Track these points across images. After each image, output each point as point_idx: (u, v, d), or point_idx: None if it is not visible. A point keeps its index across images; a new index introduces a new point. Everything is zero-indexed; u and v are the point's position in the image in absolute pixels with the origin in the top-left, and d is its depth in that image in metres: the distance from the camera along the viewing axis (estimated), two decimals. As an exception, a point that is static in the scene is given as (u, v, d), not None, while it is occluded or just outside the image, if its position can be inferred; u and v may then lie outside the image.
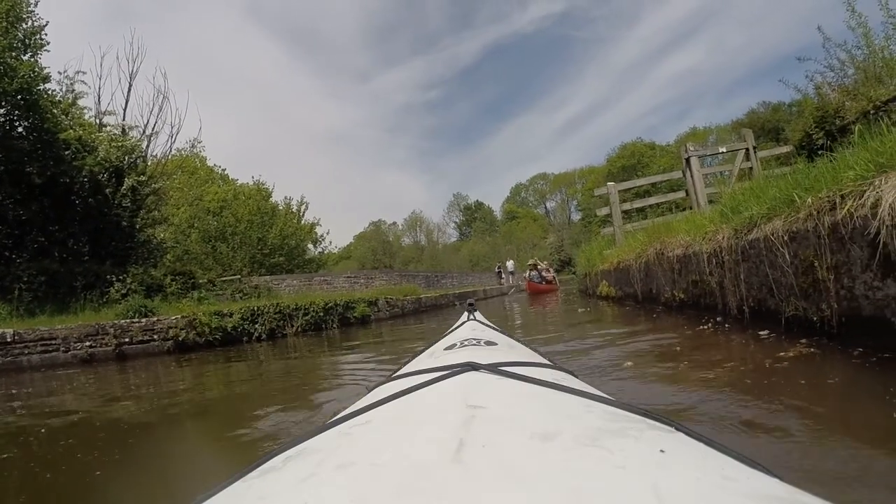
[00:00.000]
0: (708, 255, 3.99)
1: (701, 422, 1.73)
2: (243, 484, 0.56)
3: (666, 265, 5.15)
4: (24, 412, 4.02)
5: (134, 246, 12.35)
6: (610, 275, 8.23)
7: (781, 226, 2.90)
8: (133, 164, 12.17)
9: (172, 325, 8.26)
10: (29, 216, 10.98)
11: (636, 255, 6.32)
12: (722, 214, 4.10)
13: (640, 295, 6.25)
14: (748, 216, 3.43)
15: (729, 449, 0.52)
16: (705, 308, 4.26)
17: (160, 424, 3.18)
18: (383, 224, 66.53)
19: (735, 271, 3.58)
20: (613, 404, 0.64)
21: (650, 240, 5.92)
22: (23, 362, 7.71)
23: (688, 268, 4.57)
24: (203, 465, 2.35)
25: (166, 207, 14.87)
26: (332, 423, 0.69)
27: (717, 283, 3.91)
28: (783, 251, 2.88)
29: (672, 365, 2.75)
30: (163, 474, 2.22)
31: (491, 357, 0.93)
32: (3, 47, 9.70)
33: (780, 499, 0.40)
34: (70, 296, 9.92)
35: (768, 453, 1.41)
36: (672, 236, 5.20)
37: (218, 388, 4.53)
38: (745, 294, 3.50)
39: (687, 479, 0.42)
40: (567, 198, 78.65)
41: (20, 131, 10.67)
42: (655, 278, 5.58)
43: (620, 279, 7.45)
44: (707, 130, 56.80)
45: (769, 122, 40.33)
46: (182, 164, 15.56)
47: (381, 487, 0.42)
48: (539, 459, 0.44)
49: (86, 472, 2.25)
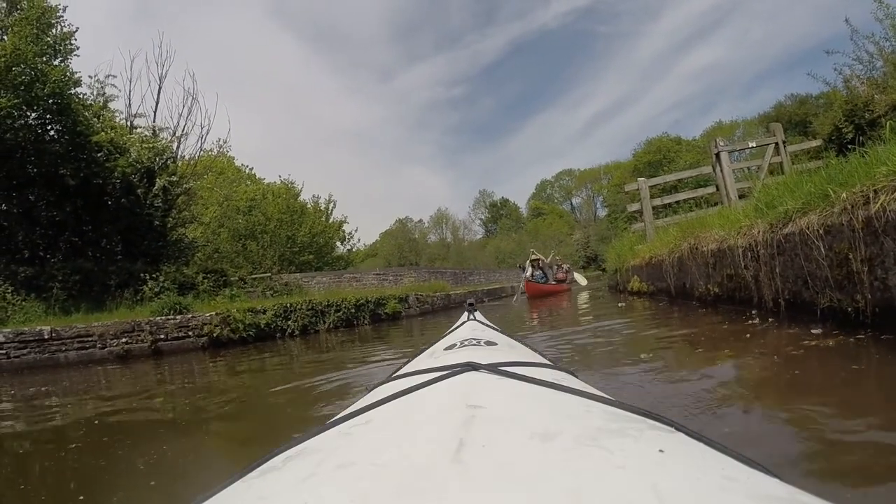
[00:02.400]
0: (743, 250, 4.13)
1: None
2: (243, 484, 0.58)
3: (700, 260, 5.28)
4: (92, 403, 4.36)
5: (166, 245, 12.80)
6: (641, 270, 8.36)
7: (816, 220, 3.04)
8: (164, 165, 12.64)
9: (207, 322, 8.62)
10: (63, 217, 11.46)
11: (669, 250, 6.45)
12: (757, 209, 4.23)
13: (674, 290, 6.38)
14: (783, 211, 3.57)
15: (729, 449, 0.53)
16: (740, 301, 4.40)
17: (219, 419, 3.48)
18: (409, 221, 67.21)
19: (770, 265, 3.72)
20: (613, 404, 0.66)
21: (684, 235, 6.05)
22: (60, 359, 8.01)
23: (722, 262, 4.71)
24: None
25: (196, 207, 15.41)
26: (332, 423, 0.70)
27: (753, 277, 4.06)
28: (818, 244, 3.03)
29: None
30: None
31: (491, 357, 0.94)
32: (34, 53, 10.15)
33: (780, 499, 0.41)
34: (104, 294, 10.36)
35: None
36: (706, 231, 5.34)
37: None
38: (780, 287, 3.65)
39: (687, 479, 0.43)
40: (593, 194, 78.54)
41: (52, 135, 11.12)
42: (689, 273, 5.71)
43: (652, 274, 7.58)
44: (733, 124, 56.45)
45: (796, 115, 39.70)
46: (211, 165, 16.10)
47: (381, 487, 0.43)
48: (539, 459, 0.45)
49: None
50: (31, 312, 9.27)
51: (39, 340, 7.99)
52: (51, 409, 4.28)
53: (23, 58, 9.85)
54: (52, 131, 11.22)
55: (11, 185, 11.13)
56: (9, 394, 5.51)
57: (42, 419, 3.82)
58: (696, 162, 41.80)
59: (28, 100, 10.13)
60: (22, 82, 9.91)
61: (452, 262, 48.40)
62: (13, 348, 7.82)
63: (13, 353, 7.81)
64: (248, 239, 20.65)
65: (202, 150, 14.79)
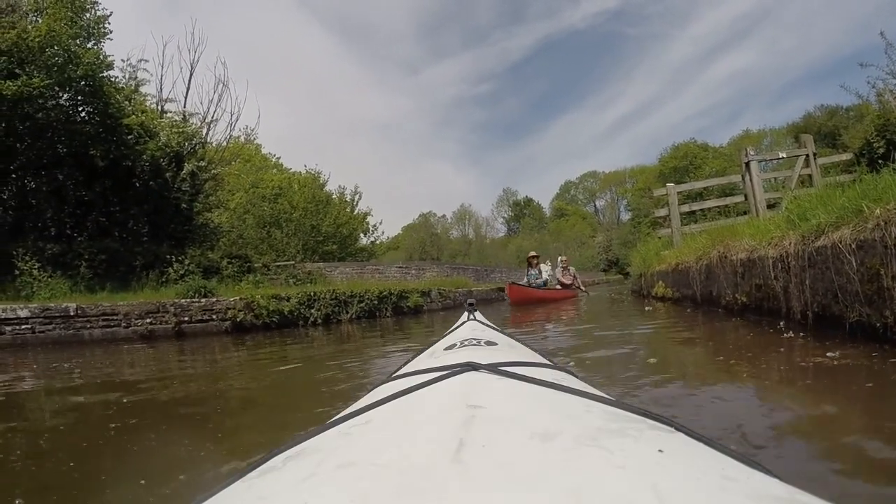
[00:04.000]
0: (774, 260, 4.21)
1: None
2: (243, 484, 0.58)
3: (729, 268, 5.36)
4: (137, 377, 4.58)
5: (192, 229, 13.13)
6: (667, 276, 8.42)
7: (849, 234, 3.13)
8: (193, 150, 12.94)
9: (231, 307, 8.88)
10: (91, 197, 11.80)
11: (697, 257, 6.52)
12: (789, 220, 4.31)
13: (700, 297, 6.45)
14: (815, 223, 3.64)
15: (729, 449, 0.54)
16: (768, 312, 4.47)
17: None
18: (432, 216, 67.88)
19: (801, 277, 3.80)
20: (613, 404, 0.66)
21: (713, 242, 6.13)
22: (84, 336, 8.25)
23: (752, 272, 4.78)
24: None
25: (223, 192, 15.72)
26: (332, 423, 0.71)
27: (783, 288, 4.14)
28: (850, 259, 3.12)
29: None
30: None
31: (491, 357, 0.95)
32: (68, 35, 10.45)
33: (780, 499, 0.42)
34: (130, 274, 10.65)
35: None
36: (736, 240, 5.41)
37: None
38: (809, 299, 3.73)
39: (687, 479, 0.44)
40: (617, 197, 78.64)
41: (83, 116, 11.46)
42: (717, 281, 5.79)
43: (678, 280, 7.64)
44: (761, 133, 56.69)
45: (825, 126, 39.26)
46: (239, 152, 16.46)
47: (381, 487, 0.43)
48: (539, 459, 0.46)
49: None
50: (56, 289, 9.53)
51: (65, 317, 8.23)
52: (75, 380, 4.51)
53: (57, 39, 10.14)
54: (83, 112, 11.56)
55: (42, 164, 11.48)
56: (31, 367, 5.76)
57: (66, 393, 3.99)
58: (722, 170, 41.67)
59: (61, 81, 10.41)
60: (55, 63, 10.20)
61: (474, 259, 48.64)
62: (39, 323, 8.08)
63: (38, 328, 8.06)
64: (272, 226, 21.03)
65: (231, 137, 15.11)
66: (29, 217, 11.58)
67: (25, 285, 9.40)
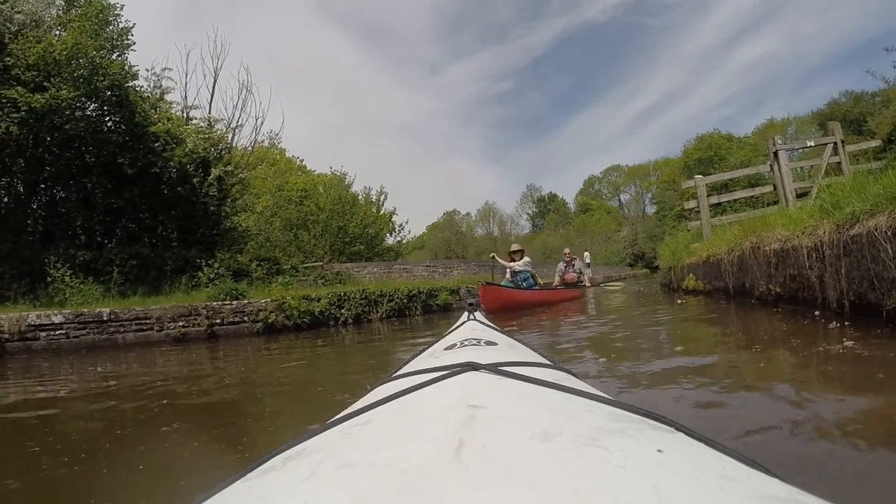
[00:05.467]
0: (808, 250, 4.26)
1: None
2: (243, 484, 0.59)
3: (762, 259, 5.39)
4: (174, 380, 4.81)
5: (220, 233, 13.41)
6: (698, 268, 8.43)
7: (885, 222, 3.19)
8: (219, 156, 13.24)
9: (262, 308, 9.09)
10: (120, 204, 12.07)
11: (728, 249, 6.55)
12: (822, 209, 4.35)
13: (732, 289, 6.48)
14: (850, 212, 3.69)
15: (729, 449, 0.54)
16: (803, 302, 4.50)
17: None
18: (456, 214, 68.43)
19: (836, 265, 3.84)
20: (613, 404, 0.67)
21: (745, 233, 6.16)
22: (118, 340, 8.45)
23: (785, 262, 4.82)
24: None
25: (249, 196, 16.08)
26: (332, 423, 0.71)
27: (818, 277, 4.19)
28: (885, 246, 3.17)
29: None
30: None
31: (491, 357, 0.96)
32: (94, 47, 10.75)
33: (780, 499, 0.42)
34: (161, 279, 10.89)
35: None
36: (768, 230, 5.44)
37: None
38: (845, 288, 3.77)
39: (687, 479, 0.44)
40: (641, 190, 78.21)
41: (110, 125, 11.75)
42: (749, 272, 5.82)
43: (710, 273, 7.66)
44: (785, 122, 56.39)
45: (850, 112, 38.44)
46: (264, 156, 16.85)
47: (381, 487, 0.43)
48: (539, 459, 0.46)
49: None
50: (88, 295, 9.77)
51: (98, 321, 8.45)
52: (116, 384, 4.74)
53: (83, 52, 10.45)
54: (109, 122, 11.85)
55: (71, 174, 11.84)
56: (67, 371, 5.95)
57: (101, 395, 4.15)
58: (747, 160, 41.19)
59: (88, 92, 10.73)
60: (82, 75, 10.51)
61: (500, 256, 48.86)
62: (73, 328, 8.29)
63: (73, 332, 8.27)
64: (299, 228, 21.38)
65: (256, 141, 15.39)
66: (59, 225, 11.91)
67: (58, 292, 9.64)
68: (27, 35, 10.53)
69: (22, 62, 10.22)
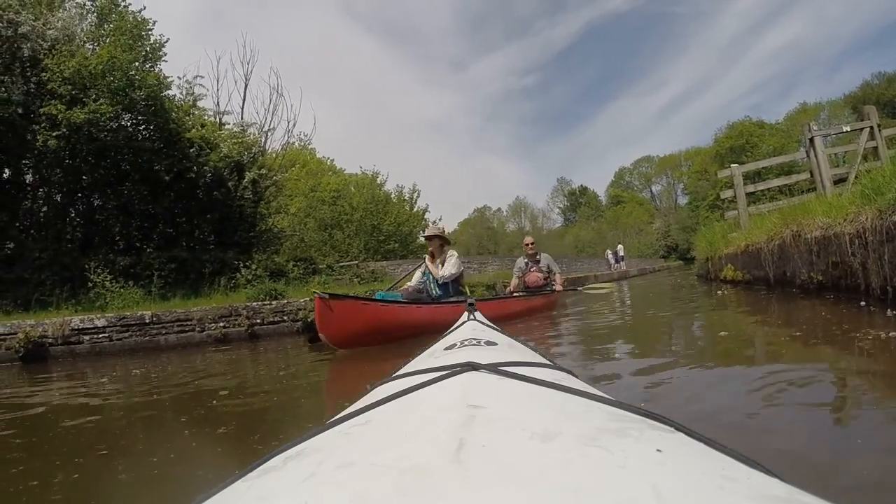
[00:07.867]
0: (850, 237, 4.31)
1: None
2: (243, 484, 0.59)
3: (803, 247, 5.44)
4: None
5: (256, 234, 13.70)
6: (736, 258, 8.45)
7: (928, 207, 3.27)
8: (253, 159, 13.57)
9: (301, 308, 9.39)
10: (157, 210, 12.42)
11: (768, 238, 6.59)
12: (864, 195, 4.40)
13: (773, 278, 6.52)
14: (892, 197, 3.76)
15: (729, 448, 0.54)
16: (846, 290, 4.55)
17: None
18: (487, 210, 68.79)
19: (879, 252, 3.89)
20: (613, 404, 0.67)
21: (785, 221, 6.20)
22: (160, 342, 8.63)
23: (827, 249, 4.86)
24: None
25: (283, 198, 16.41)
26: (332, 423, 0.71)
27: (861, 265, 4.24)
28: (929, 231, 3.26)
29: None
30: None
31: (491, 357, 0.96)
32: (129, 60, 11.13)
33: (780, 499, 0.42)
34: (200, 281, 11.17)
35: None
36: (809, 218, 5.49)
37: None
38: (889, 274, 3.81)
39: (687, 479, 0.45)
40: (673, 181, 77.42)
41: (145, 134, 12.12)
42: (790, 260, 5.86)
43: (749, 262, 7.69)
44: (818, 106, 55.62)
45: (884, 95, 37.20)
46: (296, 158, 17.29)
47: (381, 487, 0.44)
48: (539, 459, 0.46)
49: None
50: (129, 299, 10.04)
51: (141, 324, 8.63)
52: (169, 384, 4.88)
53: (118, 65, 10.81)
54: (144, 130, 12.22)
55: (108, 182, 12.18)
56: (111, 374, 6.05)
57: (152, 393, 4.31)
58: (780, 146, 40.36)
59: (124, 104, 11.10)
60: (118, 88, 10.86)
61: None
62: (116, 331, 8.48)
63: (115, 336, 8.47)
64: (333, 228, 21.78)
65: (288, 144, 15.69)
66: (98, 232, 12.28)
67: (99, 296, 9.95)
68: (61, 49, 10.90)
69: (58, 76, 10.56)
